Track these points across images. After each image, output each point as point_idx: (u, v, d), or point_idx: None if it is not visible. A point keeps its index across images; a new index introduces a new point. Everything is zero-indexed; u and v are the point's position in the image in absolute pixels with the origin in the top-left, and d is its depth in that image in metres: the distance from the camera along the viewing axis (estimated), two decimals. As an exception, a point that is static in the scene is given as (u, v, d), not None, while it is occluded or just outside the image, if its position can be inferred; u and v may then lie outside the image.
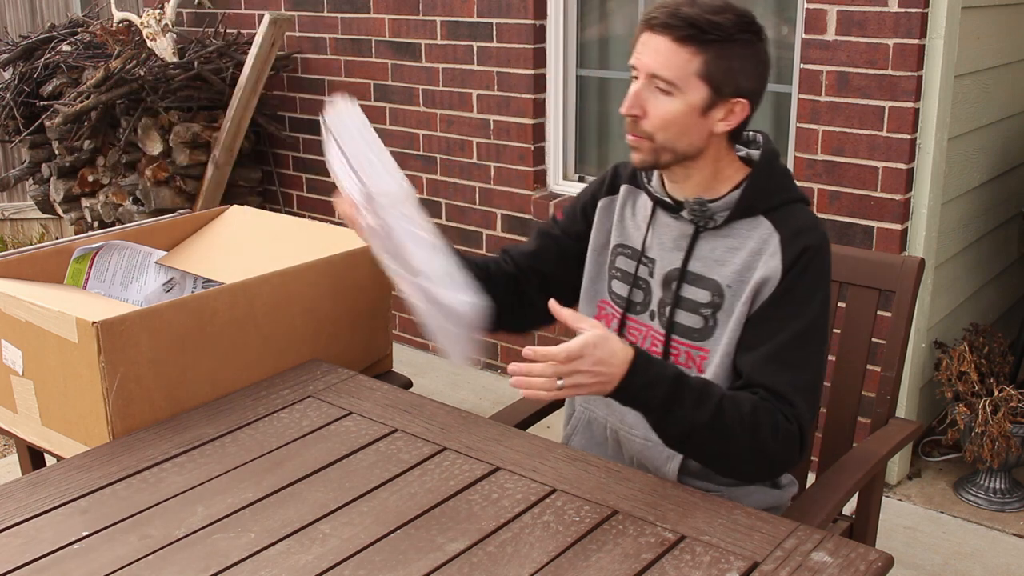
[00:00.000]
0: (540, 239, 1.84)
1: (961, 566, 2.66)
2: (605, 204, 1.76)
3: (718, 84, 1.51)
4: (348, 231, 2.22)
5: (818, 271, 1.56)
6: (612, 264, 1.73)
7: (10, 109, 4.18)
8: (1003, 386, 2.83)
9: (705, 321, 1.60)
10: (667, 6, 1.51)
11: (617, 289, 1.72)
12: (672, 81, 1.50)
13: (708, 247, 1.60)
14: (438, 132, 3.77)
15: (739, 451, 1.48)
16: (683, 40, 1.48)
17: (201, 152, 3.97)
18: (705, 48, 1.49)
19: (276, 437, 1.64)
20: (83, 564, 1.30)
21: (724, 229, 1.59)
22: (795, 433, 1.50)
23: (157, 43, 3.97)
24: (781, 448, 1.49)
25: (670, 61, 1.49)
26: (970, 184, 3.06)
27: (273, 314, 1.90)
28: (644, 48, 1.52)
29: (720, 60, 1.49)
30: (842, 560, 1.27)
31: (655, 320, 1.66)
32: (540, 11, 3.42)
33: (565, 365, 1.36)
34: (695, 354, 1.61)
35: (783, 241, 1.55)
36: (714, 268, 1.59)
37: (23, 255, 2.05)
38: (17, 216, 6.11)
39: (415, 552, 1.31)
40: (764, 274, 1.54)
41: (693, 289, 1.61)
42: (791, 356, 1.53)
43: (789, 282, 1.53)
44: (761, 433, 1.47)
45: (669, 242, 1.64)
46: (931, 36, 2.65)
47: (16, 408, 1.88)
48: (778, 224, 1.57)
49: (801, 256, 1.54)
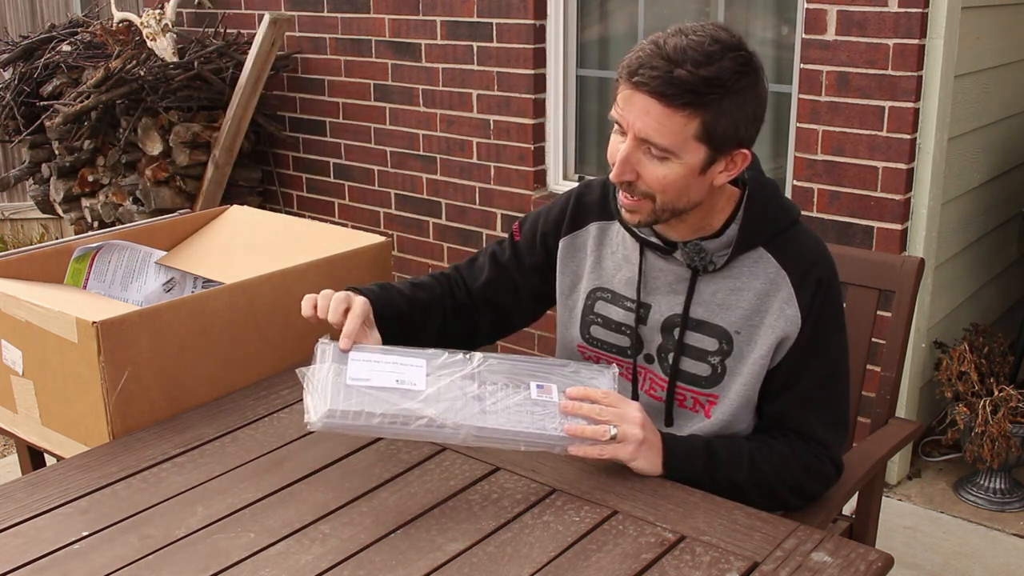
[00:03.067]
0: (494, 268, 1.72)
1: (961, 566, 2.66)
2: (567, 244, 1.65)
3: (719, 142, 1.37)
4: (348, 231, 2.23)
5: (834, 303, 1.51)
6: (590, 309, 1.63)
7: (10, 109, 4.18)
8: (1003, 386, 2.83)
9: (713, 369, 1.53)
10: (656, 67, 1.33)
11: (599, 335, 1.63)
12: (668, 148, 1.36)
13: (709, 290, 1.51)
14: (438, 132, 3.77)
15: (780, 495, 1.51)
16: (677, 106, 1.33)
17: (201, 152, 3.97)
18: (704, 109, 1.34)
19: (276, 437, 1.64)
20: (83, 564, 1.30)
21: (724, 269, 1.51)
22: (829, 470, 1.54)
23: (157, 43, 3.97)
24: (817, 485, 1.54)
25: (663, 127, 1.35)
26: (970, 184, 3.06)
27: (273, 314, 1.90)
28: (630, 107, 1.37)
29: (719, 117, 1.35)
30: (842, 560, 1.27)
31: (653, 364, 1.59)
32: (540, 11, 3.42)
33: (620, 410, 1.39)
34: (703, 399, 1.56)
35: (795, 283, 1.48)
36: (718, 313, 1.51)
37: (23, 255, 2.05)
38: (17, 216, 6.11)
39: (415, 552, 1.31)
40: (783, 327, 1.48)
41: (698, 336, 1.53)
42: (820, 396, 1.52)
43: (811, 328, 1.48)
44: (796, 478, 1.50)
45: (664, 286, 1.55)
46: (931, 36, 2.65)
47: (16, 408, 1.88)
48: (783, 260, 1.49)
49: (816, 295, 1.48)
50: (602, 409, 1.41)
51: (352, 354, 1.45)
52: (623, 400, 1.44)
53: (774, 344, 1.49)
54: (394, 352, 1.46)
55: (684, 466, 1.45)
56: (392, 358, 1.45)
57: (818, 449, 1.52)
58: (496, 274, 1.72)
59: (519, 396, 1.42)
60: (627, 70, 1.37)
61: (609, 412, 1.41)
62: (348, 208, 4.17)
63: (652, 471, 1.44)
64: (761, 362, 1.50)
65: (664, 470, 1.45)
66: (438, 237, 3.88)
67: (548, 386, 1.43)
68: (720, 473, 1.46)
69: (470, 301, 1.73)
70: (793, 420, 1.52)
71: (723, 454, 1.47)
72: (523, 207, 3.58)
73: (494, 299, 1.73)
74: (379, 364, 1.43)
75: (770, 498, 1.49)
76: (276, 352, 1.90)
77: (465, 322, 1.72)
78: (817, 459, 1.51)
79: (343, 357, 1.44)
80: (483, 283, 1.72)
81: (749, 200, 1.50)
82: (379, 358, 1.44)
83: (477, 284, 1.73)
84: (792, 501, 1.53)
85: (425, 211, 3.89)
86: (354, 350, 1.45)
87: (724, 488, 1.45)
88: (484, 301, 1.73)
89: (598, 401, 1.42)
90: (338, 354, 1.45)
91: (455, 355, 1.46)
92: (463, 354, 1.46)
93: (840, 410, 1.55)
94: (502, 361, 1.46)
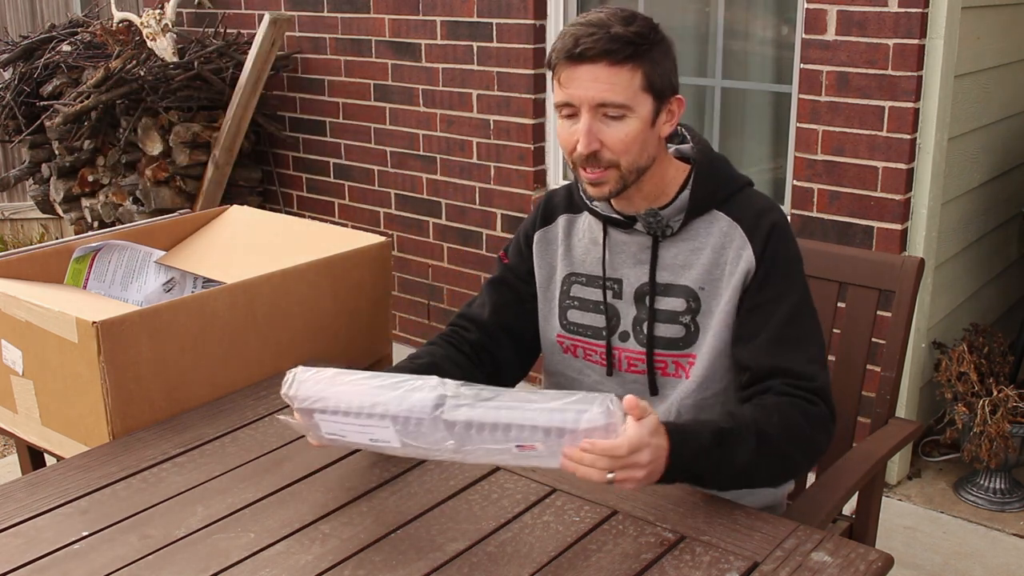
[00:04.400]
0: (495, 292, 1.75)
1: (961, 566, 2.66)
2: (540, 237, 1.73)
3: (659, 90, 1.51)
4: (348, 231, 2.23)
5: (789, 244, 1.58)
6: (566, 294, 1.69)
7: (10, 109, 4.18)
8: (1002, 386, 2.83)
9: (687, 329, 1.59)
10: (592, 34, 1.46)
11: (576, 319, 1.68)
12: (624, 104, 1.48)
13: (671, 254, 1.60)
14: (438, 132, 3.77)
15: (790, 456, 1.47)
16: (621, 60, 1.46)
17: (201, 152, 3.97)
18: (641, 61, 1.47)
19: (276, 437, 1.64)
20: (83, 564, 1.30)
21: (682, 232, 1.59)
22: (823, 411, 1.51)
23: (157, 43, 3.97)
24: (819, 431, 1.51)
25: (615, 85, 1.47)
26: (970, 184, 3.06)
27: (273, 314, 1.90)
28: (577, 81, 1.48)
29: (655, 67, 1.49)
30: (842, 560, 1.27)
31: (628, 341, 1.64)
32: (540, 11, 3.42)
33: (623, 459, 1.26)
34: (682, 361, 1.61)
35: (747, 229, 1.56)
36: (681, 274, 1.59)
37: (23, 255, 2.05)
38: (17, 216, 6.11)
39: (415, 552, 1.31)
40: (742, 268, 1.55)
41: (666, 300, 1.60)
42: (794, 333, 1.54)
43: (767, 264, 1.55)
44: (799, 429, 1.47)
45: (630, 258, 1.63)
46: (931, 36, 2.65)
47: (16, 408, 1.88)
48: (735, 214, 1.57)
49: (770, 236, 1.55)
50: (596, 459, 1.25)
51: (317, 416, 1.35)
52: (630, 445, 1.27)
53: (737, 288, 1.55)
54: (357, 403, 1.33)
55: (691, 465, 1.37)
56: (356, 420, 1.33)
57: (806, 388, 1.50)
58: (500, 297, 1.74)
59: (502, 455, 1.28)
60: (564, 52, 1.48)
61: (616, 465, 1.26)
62: (348, 208, 4.17)
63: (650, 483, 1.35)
64: (727, 308, 1.56)
65: (665, 474, 1.34)
66: (438, 237, 3.88)
67: (530, 445, 1.27)
68: (726, 460, 1.39)
69: (485, 337, 1.72)
70: (776, 359, 1.52)
71: (730, 434, 1.40)
72: (523, 207, 3.59)
73: (507, 323, 1.73)
74: (346, 425, 1.34)
75: (780, 464, 1.46)
76: (276, 352, 1.90)
77: (487, 362, 1.70)
78: (809, 403, 1.49)
79: (310, 418, 1.36)
80: (491, 311, 1.73)
81: (698, 169, 1.60)
82: (343, 419, 1.33)
83: (485, 315, 1.73)
84: (801, 460, 1.50)
85: (425, 211, 3.89)
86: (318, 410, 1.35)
87: (732, 475, 1.42)
88: (498, 328, 1.72)
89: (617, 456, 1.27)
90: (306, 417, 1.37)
91: (422, 409, 1.28)
92: (431, 405, 1.28)
93: (818, 347, 1.56)
94: (470, 408, 1.27)
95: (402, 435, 1.31)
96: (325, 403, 1.34)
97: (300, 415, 1.37)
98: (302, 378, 1.36)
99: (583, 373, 1.70)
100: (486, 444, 1.27)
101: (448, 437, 1.28)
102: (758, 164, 3.19)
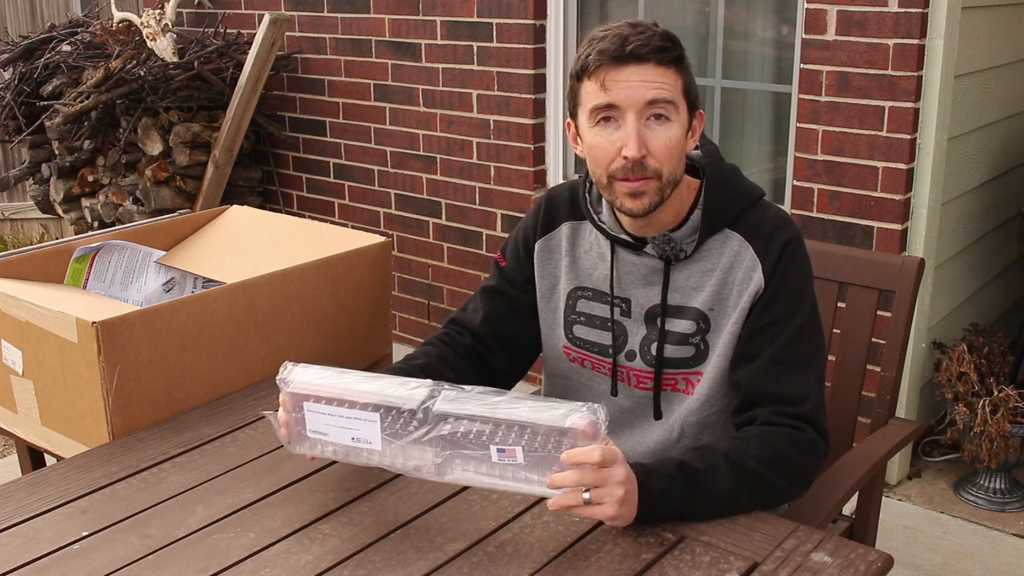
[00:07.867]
0: (488, 301, 1.72)
1: (961, 566, 2.66)
2: (542, 246, 1.68)
3: (692, 99, 1.50)
4: (348, 231, 2.23)
5: (800, 263, 1.54)
6: (572, 309, 1.66)
7: (10, 109, 4.18)
8: (1002, 386, 2.83)
9: (696, 348, 1.57)
10: (640, 35, 1.44)
11: (582, 334, 1.65)
12: (673, 101, 1.45)
13: (682, 276, 1.56)
14: (438, 132, 3.77)
15: (774, 485, 1.43)
16: (667, 62, 1.45)
17: (201, 152, 3.97)
18: (680, 66, 1.47)
19: (276, 437, 1.63)
20: (83, 564, 1.30)
21: (693, 254, 1.56)
22: (811, 436, 1.48)
23: (157, 43, 3.97)
24: (807, 457, 1.47)
25: (665, 83, 1.45)
26: (970, 184, 3.06)
27: (273, 314, 1.90)
28: (624, 82, 1.43)
29: (689, 74, 1.49)
30: (842, 560, 1.27)
31: (635, 360, 1.61)
32: (540, 11, 3.42)
33: (598, 472, 1.25)
34: (692, 378, 1.59)
35: (759, 250, 1.52)
36: (691, 296, 1.56)
37: (23, 255, 2.05)
38: (17, 216, 6.11)
39: (415, 552, 1.31)
40: (750, 287, 1.52)
41: (676, 322, 1.57)
42: (793, 356, 1.51)
43: (776, 284, 1.52)
44: (783, 457, 1.44)
45: (639, 279, 1.59)
46: (931, 36, 2.65)
47: (16, 408, 1.88)
48: (746, 233, 1.54)
49: (782, 255, 1.52)
50: (583, 475, 1.26)
51: (307, 405, 1.36)
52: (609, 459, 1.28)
53: (745, 309, 1.53)
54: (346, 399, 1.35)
55: (663, 499, 1.35)
56: (345, 412, 1.34)
57: (793, 415, 1.47)
58: (493, 305, 1.71)
59: (480, 465, 1.30)
60: (610, 53, 1.43)
61: (590, 478, 1.27)
62: (348, 208, 4.17)
63: (630, 521, 1.33)
64: (733, 329, 1.54)
65: (640, 511, 1.33)
66: (438, 237, 3.88)
67: (510, 449, 1.27)
68: (701, 489, 1.37)
69: (477, 342, 1.70)
70: (769, 382, 1.49)
71: (699, 467, 1.38)
72: (523, 207, 3.59)
73: (499, 331, 1.71)
74: (333, 418, 1.35)
75: (764, 493, 1.42)
76: (276, 352, 1.90)
77: (479, 367, 1.69)
78: (796, 429, 1.46)
79: (299, 406, 1.37)
80: (483, 319, 1.70)
81: (708, 185, 1.56)
82: (332, 411, 1.35)
83: (477, 322, 1.71)
84: (788, 487, 1.46)
85: (425, 211, 3.89)
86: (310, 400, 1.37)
87: (713, 504, 1.38)
88: (490, 336, 1.70)
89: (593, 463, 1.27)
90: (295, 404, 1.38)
91: (411, 401, 1.30)
92: (419, 401, 1.30)
93: (816, 371, 1.52)
94: (461, 402, 1.29)
95: (386, 432, 1.31)
96: (318, 389, 1.35)
97: (290, 402, 1.38)
98: (300, 367, 1.39)
99: (593, 380, 1.68)
100: (466, 450, 1.28)
101: (428, 444, 1.29)
102: (758, 164, 3.19)
